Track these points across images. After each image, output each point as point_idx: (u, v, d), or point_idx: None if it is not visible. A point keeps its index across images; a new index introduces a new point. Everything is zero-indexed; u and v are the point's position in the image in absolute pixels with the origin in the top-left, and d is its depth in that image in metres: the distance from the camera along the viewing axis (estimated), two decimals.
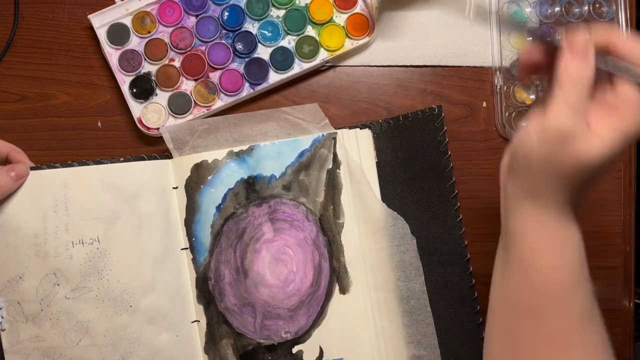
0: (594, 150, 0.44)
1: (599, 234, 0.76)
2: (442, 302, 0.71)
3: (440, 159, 0.72)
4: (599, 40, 0.45)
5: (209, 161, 0.68)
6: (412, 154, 0.72)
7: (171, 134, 0.68)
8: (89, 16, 0.71)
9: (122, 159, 0.68)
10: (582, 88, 0.44)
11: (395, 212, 0.70)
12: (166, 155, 0.70)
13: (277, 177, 0.69)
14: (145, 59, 0.73)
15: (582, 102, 0.44)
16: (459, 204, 0.72)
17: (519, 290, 0.52)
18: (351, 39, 0.75)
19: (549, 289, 0.51)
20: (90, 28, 0.72)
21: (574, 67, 0.44)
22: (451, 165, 0.72)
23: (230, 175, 0.69)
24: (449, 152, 0.72)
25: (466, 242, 0.72)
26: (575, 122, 0.44)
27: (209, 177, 0.68)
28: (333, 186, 0.70)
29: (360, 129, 0.72)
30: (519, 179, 0.50)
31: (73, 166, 0.66)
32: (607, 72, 0.46)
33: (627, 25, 0.76)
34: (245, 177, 0.69)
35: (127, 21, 0.73)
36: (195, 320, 0.68)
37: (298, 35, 0.75)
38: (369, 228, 0.70)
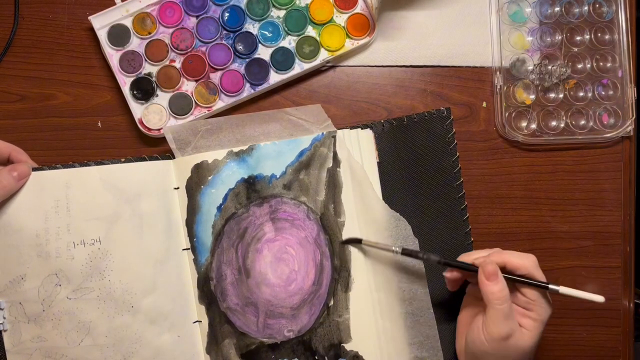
0: (528, 340, 0.60)
1: (599, 234, 0.76)
2: (444, 303, 0.71)
3: (448, 160, 0.72)
4: (498, 261, 0.61)
5: (209, 161, 0.68)
6: (416, 154, 0.72)
7: (174, 134, 0.68)
8: (90, 17, 0.71)
9: (123, 160, 0.68)
10: (505, 299, 0.59)
11: (398, 214, 0.70)
12: (167, 155, 0.70)
13: (278, 176, 0.69)
14: (145, 60, 0.73)
15: (509, 309, 0.60)
16: (466, 203, 0.72)
17: None
18: (351, 39, 0.75)
19: None
20: (91, 28, 0.72)
21: (494, 288, 0.60)
22: (459, 166, 0.72)
23: (231, 176, 0.69)
24: (458, 154, 0.72)
25: (472, 239, 0.72)
26: (510, 326, 0.59)
27: (210, 178, 0.68)
28: (333, 185, 0.70)
29: (362, 129, 0.72)
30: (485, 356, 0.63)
31: (74, 167, 0.66)
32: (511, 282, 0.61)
33: (627, 25, 0.77)
34: (246, 177, 0.69)
35: (128, 22, 0.73)
36: (196, 321, 0.68)
37: (298, 35, 0.75)
38: (371, 229, 0.70)
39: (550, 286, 0.60)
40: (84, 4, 0.75)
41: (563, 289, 0.60)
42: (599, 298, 0.59)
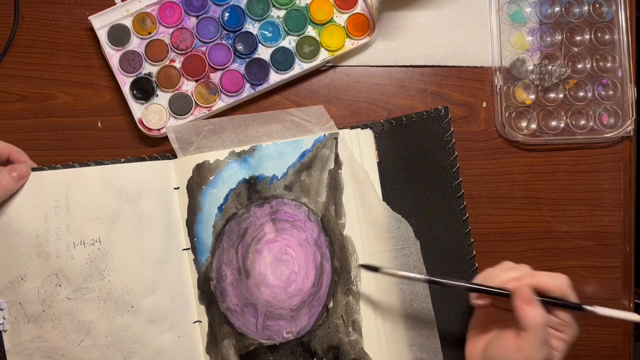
0: None
1: (599, 234, 0.76)
2: (444, 303, 0.71)
3: (446, 160, 0.72)
4: (531, 284, 0.59)
5: (211, 161, 0.68)
6: (415, 154, 0.72)
7: (176, 134, 0.68)
8: (90, 17, 0.71)
9: (123, 160, 0.68)
10: (544, 325, 0.57)
11: (399, 215, 0.70)
12: (167, 155, 0.70)
13: (279, 177, 0.69)
14: (145, 60, 0.73)
15: (547, 334, 0.58)
16: (465, 203, 0.72)
17: None
18: (351, 39, 0.75)
19: None
20: (91, 28, 0.72)
21: (532, 313, 0.57)
22: (458, 165, 0.72)
23: (232, 176, 0.69)
24: (456, 153, 0.72)
25: (472, 240, 0.72)
26: (548, 350, 0.58)
27: (211, 178, 0.68)
28: (335, 186, 0.70)
29: (362, 129, 0.72)
30: None
31: (74, 167, 0.66)
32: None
33: (627, 25, 0.77)
34: (247, 177, 0.69)
35: (128, 22, 0.73)
36: (196, 321, 0.68)
37: (298, 35, 0.75)
38: (372, 230, 0.70)
39: (586, 307, 0.59)
40: (84, 4, 0.75)
41: (599, 310, 0.59)
42: (636, 317, 0.59)
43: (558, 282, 0.60)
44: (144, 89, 0.72)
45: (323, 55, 0.75)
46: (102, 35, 0.72)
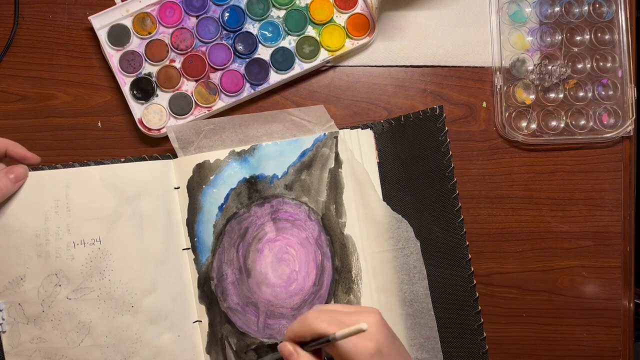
0: None
1: (599, 234, 0.76)
2: (443, 303, 0.71)
3: (441, 160, 0.72)
4: (290, 338, 0.55)
5: (211, 161, 0.68)
6: (413, 154, 0.72)
7: (177, 134, 0.68)
8: (90, 17, 0.71)
9: (123, 160, 0.68)
10: None
11: (399, 215, 0.70)
12: (167, 155, 0.70)
13: (279, 176, 0.69)
14: (145, 60, 0.73)
15: None
16: (460, 204, 0.72)
17: None
18: (351, 39, 0.75)
19: None
20: (91, 28, 0.72)
21: None
22: (452, 165, 0.72)
23: (233, 175, 0.69)
24: (451, 153, 0.72)
25: (467, 243, 0.72)
26: None
27: (211, 177, 0.68)
28: (335, 185, 0.70)
29: (362, 129, 0.72)
30: None
31: (74, 166, 0.66)
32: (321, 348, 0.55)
33: (627, 25, 0.77)
34: (247, 176, 0.69)
35: (128, 22, 0.73)
36: (197, 321, 0.68)
37: (298, 35, 0.75)
38: (372, 230, 0.70)
39: (330, 337, 0.52)
40: (84, 4, 0.75)
41: (338, 334, 0.52)
42: (363, 326, 0.51)
43: (303, 325, 0.55)
44: (144, 89, 0.72)
45: (323, 55, 0.75)
46: (102, 35, 0.72)
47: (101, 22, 0.72)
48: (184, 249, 0.68)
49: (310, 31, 0.75)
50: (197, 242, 0.68)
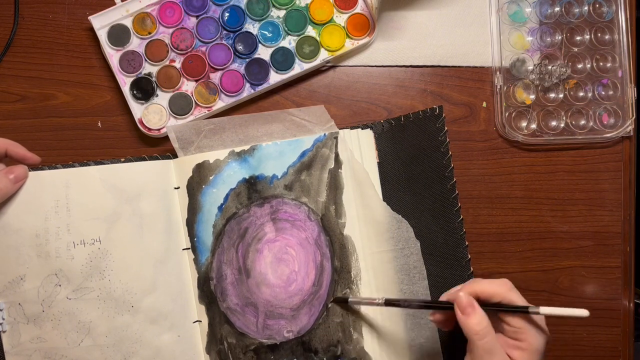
0: None
1: (599, 234, 0.76)
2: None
3: (441, 160, 0.72)
4: (470, 292, 0.56)
5: (211, 161, 0.68)
6: (413, 154, 0.72)
7: (177, 134, 0.68)
8: (90, 17, 0.71)
9: (123, 160, 0.68)
10: (484, 333, 0.54)
11: (400, 215, 0.70)
12: (167, 155, 0.70)
13: (279, 177, 0.69)
14: (145, 60, 0.73)
15: (492, 343, 0.54)
16: (459, 204, 0.72)
17: None
18: (351, 39, 0.75)
19: None
20: (91, 28, 0.72)
21: (470, 321, 0.54)
22: (452, 165, 0.72)
23: (232, 175, 0.69)
24: (450, 153, 0.72)
25: (467, 243, 0.72)
26: None
27: (211, 177, 0.68)
28: (335, 186, 0.70)
29: (362, 129, 0.72)
30: None
31: (74, 167, 0.66)
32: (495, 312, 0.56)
33: (627, 25, 0.77)
34: (247, 177, 0.69)
35: (128, 22, 0.73)
36: (196, 321, 0.68)
37: (298, 35, 0.75)
38: (372, 230, 0.70)
39: (530, 309, 0.54)
40: (84, 4, 0.75)
41: (544, 309, 0.54)
42: (583, 312, 0.53)
43: (497, 286, 0.57)
44: (144, 89, 0.72)
45: (323, 55, 0.75)
46: (102, 35, 0.72)
47: (101, 22, 0.72)
48: (183, 249, 0.68)
49: (310, 31, 0.75)
50: (197, 242, 0.68)
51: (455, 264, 0.72)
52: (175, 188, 0.69)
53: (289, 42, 0.75)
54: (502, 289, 0.56)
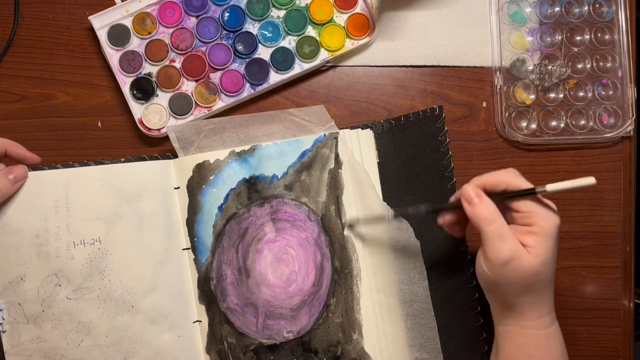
0: (533, 259, 0.54)
1: (599, 234, 0.76)
2: (443, 303, 0.71)
3: (441, 160, 0.72)
4: (477, 185, 0.57)
5: (211, 161, 0.68)
6: (413, 154, 0.72)
7: (177, 134, 0.68)
8: (90, 17, 0.71)
9: (123, 160, 0.68)
10: (492, 219, 0.54)
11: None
12: (167, 155, 0.70)
13: (279, 177, 0.69)
14: (145, 60, 0.73)
15: (501, 228, 0.54)
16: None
17: None
18: (351, 39, 0.75)
19: None
20: (91, 28, 0.72)
21: (477, 210, 0.55)
22: (452, 165, 0.72)
23: (232, 175, 0.69)
24: (450, 153, 0.72)
25: (467, 243, 0.72)
26: (508, 246, 0.54)
27: (211, 177, 0.68)
28: (335, 186, 0.70)
29: (362, 129, 0.72)
30: (490, 298, 0.60)
31: (74, 167, 0.66)
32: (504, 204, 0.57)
33: (627, 25, 0.77)
34: (247, 177, 0.69)
35: (128, 22, 0.73)
36: (196, 321, 0.68)
37: (298, 35, 0.75)
38: (373, 231, 0.70)
39: (537, 189, 0.54)
40: (84, 4, 0.75)
41: (550, 187, 0.54)
42: (590, 180, 0.52)
43: (501, 175, 0.57)
44: (144, 89, 0.72)
45: (323, 55, 0.75)
46: (102, 35, 0.72)
47: (101, 22, 0.72)
48: (183, 249, 0.68)
49: (310, 31, 0.75)
50: (197, 242, 0.68)
51: (455, 263, 0.71)
52: (176, 188, 0.69)
53: (289, 42, 0.75)
54: (506, 176, 0.57)
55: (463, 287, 0.71)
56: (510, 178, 0.56)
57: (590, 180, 0.52)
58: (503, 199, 0.56)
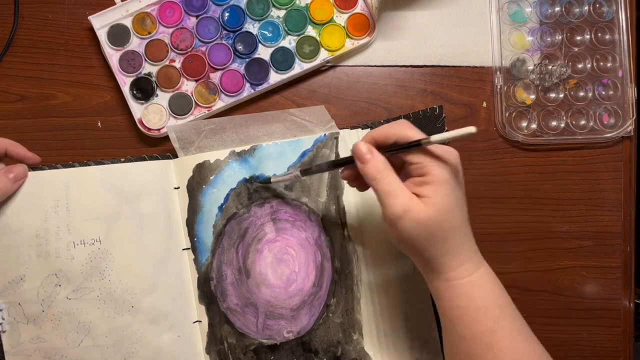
0: (429, 208, 0.52)
1: (599, 234, 0.76)
2: None
3: None
4: (368, 141, 0.55)
5: (211, 161, 0.68)
6: None
7: (177, 133, 0.68)
8: (90, 17, 0.71)
9: (123, 160, 0.68)
10: (380, 177, 0.53)
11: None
12: (167, 155, 0.70)
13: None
14: (145, 60, 0.73)
15: (391, 184, 0.52)
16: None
17: (454, 344, 0.57)
18: (351, 39, 0.75)
19: (476, 337, 0.54)
20: (91, 28, 0.72)
21: (367, 168, 0.53)
22: None
23: (233, 175, 0.69)
24: None
25: None
26: (400, 201, 0.52)
27: (211, 177, 0.68)
28: (335, 186, 0.70)
29: (362, 129, 0.72)
30: (414, 260, 0.57)
31: (74, 166, 0.66)
32: (396, 157, 0.55)
33: (627, 25, 0.77)
34: (247, 177, 0.69)
35: (128, 22, 0.73)
36: (196, 321, 0.68)
37: (298, 35, 0.75)
38: (373, 231, 0.70)
39: (422, 141, 0.52)
40: (84, 4, 0.75)
41: (434, 137, 0.51)
42: (471, 129, 0.50)
43: (394, 127, 0.55)
44: (144, 89, 0.72)
45: (323, 55, 0.75)
46: (102, 35, 0.72)
47: (101, 22, 0.72)
48: (183, 249, 0.68)
49: (310, 31, 0.75)
50: (197, 242, 0.68)
51: None
52: (176, 188, 0.69)
53: (289, 42, 0.75)
54: (396, 129, 0.54)
55: None
56: (400, 130, 0.54)
57: (470, 129, 0.49)
58: (392, 152, 0.54)
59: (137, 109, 0.72)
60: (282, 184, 0.69)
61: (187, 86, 0.73)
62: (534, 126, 0.76)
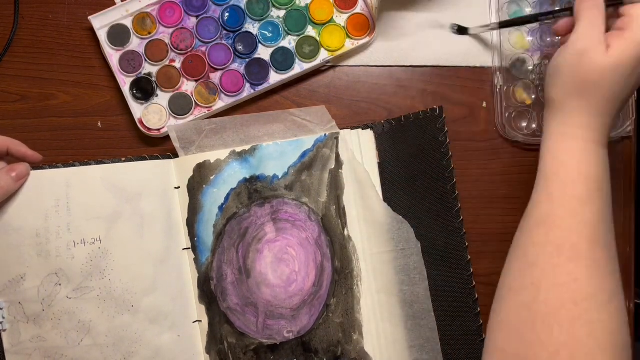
0: (607, 57, 0.53)
1: None
2: (443, 304, 0.71)
3: (441, 160, 0.72)
4: None
5: (212, 161, 0.69)
6: (413, 154, 0.72)
7: (178, 133, 0.68)
8: (90, 17, 0.71)
9: (123, 159, 0.68)
10: (597, 10, 0.54)
11: (400, 216, 0.70)
12: (168, 155, 0.70)
13: (280, 177, 0.69)
14: (145, 60, 0.73)
15: (598, 20, 0.54)
16: (459, 205, 0.72)
17: (538, 202, 0.57)
18: (352, 39, 0.75)
19: (565, 200, 0.54)
20: (91, 28, 0.72)
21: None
22: (452, 166, 0.72)
23: (233, 175, 0.69)
24: (450, 153, 0.72)
25: (467, 244, 0.72)
26: (591, 38, 0.54)
27: (212, 177, 0.69)
28: (335, 186, 0.70)
29: (362, 129, 0.72)
30: (551, 94, 0.57)
31: (75, 166, 0.66)
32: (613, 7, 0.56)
33: None
34: (248, 177, 0.69)
35: (128, 22, 0.73)
36: (197, 320, 0.68)
37: (298, 35, 0.75)
38: (373, 231, 0.70)
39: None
40: (84, 4, 0.75)
41: None
42: None
43: None
44: (144, 89, 0.72)
45: (323, 55, 0.75)
46: (102, 35, 0.72)
47: (101, 22, 0.72)
48: (184, 249, 0.68)
49: (310, 31, 0.75)
50: (197, 242, 0.68)
51: (455, 264, 0.71)
52: (176, 188, 0.69)
53: (289, 42, 0.75)
54: None
55: (463, 288, 0.71)
56: None
57: None
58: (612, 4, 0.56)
59: (137, 109, 0.72)
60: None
61: (187, 86, 0.73)
62: (534, 126, 0.76)
